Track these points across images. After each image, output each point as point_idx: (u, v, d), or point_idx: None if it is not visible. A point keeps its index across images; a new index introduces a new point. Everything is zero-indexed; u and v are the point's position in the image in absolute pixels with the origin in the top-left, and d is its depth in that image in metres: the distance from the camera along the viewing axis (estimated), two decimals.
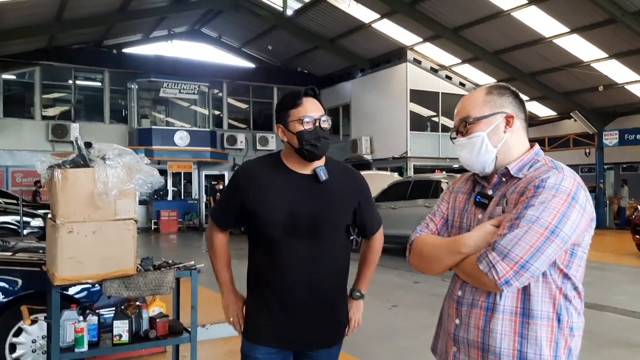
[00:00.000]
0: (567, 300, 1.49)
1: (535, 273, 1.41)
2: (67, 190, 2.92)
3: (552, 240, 1.39)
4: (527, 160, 1.55)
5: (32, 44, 17.35)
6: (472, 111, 1.60)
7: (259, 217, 2.02)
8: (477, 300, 1.54)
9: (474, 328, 1.53)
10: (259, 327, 2.08)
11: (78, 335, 3.01)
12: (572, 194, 1.42)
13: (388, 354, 4.76)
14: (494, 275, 1.40)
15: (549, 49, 15.55)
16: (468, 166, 1.64)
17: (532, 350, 1.45)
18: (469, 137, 1.59)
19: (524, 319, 1.47)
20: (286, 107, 2.04)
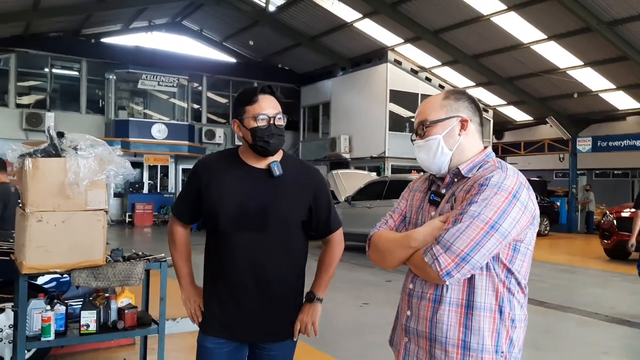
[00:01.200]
0: (510, 294, 1.57)
1: (475, 265, 1.49)
2: (37, 180, 2.91)
3: (491, 235, 1.47)
4: (477, 161, 1.65)
5: (8, 30, 16.98)
6: (430, 115, 1.69)
7: (211, 209, 2.07)
8: (425, 292, 1.62)
9: (422, 319, 1.62)
10: (210, 317, 2.13)
11: (45, 324, 3.00)
12: (513, 192, 1.51)
13: (355, 350, 4.83)
14: (436, 267, 1.49)
15: (527, 55, 15.83)
16: (425, 167, 1.72)
17: (475, 340, 1.53)
18: (426, 140, 1.68)
19: (468, 311, 1.55)
20: (242, 103, 2.08)
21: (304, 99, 23.10)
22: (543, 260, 11.03)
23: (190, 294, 2.21)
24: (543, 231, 16.58)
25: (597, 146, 17.98)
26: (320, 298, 2.21)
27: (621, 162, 20.54)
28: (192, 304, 2.19)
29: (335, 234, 2.27)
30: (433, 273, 1.51)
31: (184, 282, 2.24)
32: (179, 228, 2.23)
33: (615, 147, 17.63)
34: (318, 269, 2.28)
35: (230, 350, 2.11)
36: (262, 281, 2.06)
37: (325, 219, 2.20)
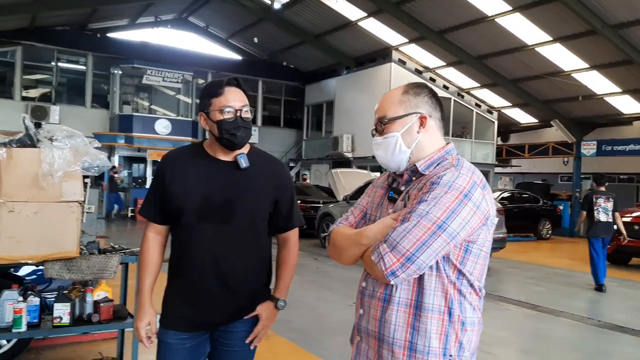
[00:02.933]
0: (461, 295, 1.52)
1: (421, 266, 1.44)
2: (10, 170, 2.91)
3: (438, 235, 1.42)
4: (436, 158, 1.59)
5: (14, 22, 17.07)
6: (388, 111, 1.63)
7: (174, 202, 2.02)
8: (376, 291, 1.58)
9: (372, 318, 1.58)
10: (171, 312, 2.08)
11: (17, 315, 2.99)
12: (464, 192, 1.46)
13: (341, 349, 4.79)
14: (382, 266, 1.45)
15: (532, 57, 15.71)
16: (384, 165, 1.67)
17: (422, 341, 1.49)
18: (384, 137, 1.62)
19: (416, 311, 1.50)
20: (208, 95, 2.04)
21: (308, 97, 23.10)
22: (542, 264, 10.96)
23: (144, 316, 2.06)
24: (545, 235, 16.47)
25: (602, 150, 17.82)
26: (283, 303, 2.15)
27: (626, 166, 20.37)
28: (142, 331, 2.05)
29: (293, 232, 2.23)
30: (379, 272, 1.47)
31: (141, 300, 2.09)
32: (150, 235, 2.12)
33: (620, 151, 17.45)
34: (280, 271, 2.21)
35: (192, 346, 2.07)
36: (225, 275, 2.02)
37: (287, 213, 2.16)
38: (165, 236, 2.16)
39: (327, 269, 9.26)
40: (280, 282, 2.19)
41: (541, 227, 16.43)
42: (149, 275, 2.12)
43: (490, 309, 6.49)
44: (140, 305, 2.10)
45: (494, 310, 6.54)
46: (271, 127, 23.12)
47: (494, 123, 20.44)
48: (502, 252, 10.23)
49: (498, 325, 5.81)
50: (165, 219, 2.11)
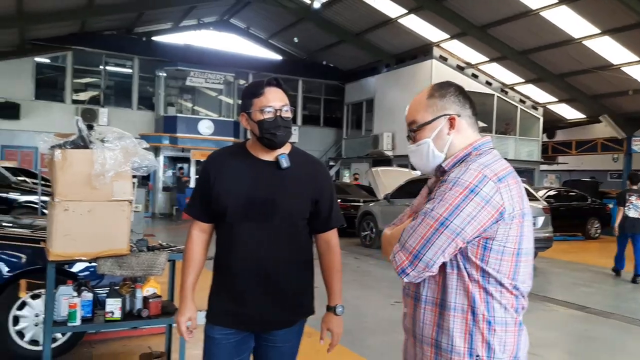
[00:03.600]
0: (487, 294, 1.48)
1: (429, 263, 1.45)
2: (65, 170, 3.02)
3: (440, 232, 1.43)
4: (461, 155, 1.57)
5: (65, 28, 17.75)
6: (417, 117, 1.61)
7: (219, 201, 2.07)
8: (410, 290, 1.62)
9: (409, 316, 1.62)
10: (216, 307, 2.14)
11: (71, 310, 3.12)
12: (470, 187, 1.43)
13: (381, 348, 4.79)
14: (394, 264, 1.49)
15: (579, 50, 15.24)
16: (420, 170, 1.69)
17: (446, 340, 1.50)
18: (417, 145, 1.62)
19: (441, 310, 1.52)
20: (249, 96, 2.08)
21: (347, 96, 23.09)
22: (590, 264, 10.62)
23: (185, 311, 2.15)
24: (594, 234, 15.94)
25: None
26: (342, 309, 2.21)
27: None
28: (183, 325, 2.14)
29: (333, 233, 2.24)
30: (395, 271, 1.51)
31: (184, 295, 2.17)
32: (195, 232, 2.19)
33: None
34: (328, 278, 2.23)
35: (237, 341, 2.12)
36: (267, 272, 2.07)
37: (326, 213, 2.18)
38: (210, 234, 2.21)
39: (368, 268, 9.25)
40: (333, 289, 2.23)
41: (589, 226, 15.90)
42: (192, 272, 2.18)
43: (536, 309, 6.35)
44: (182, 301, 2.17)
45: (540, 311, 6.39)
46: (311, 126, 23.23)
47: (539, 119, 19.92)
48: (548, 251, 9.98)
49: (544, 327, 5.68)
50: (209, 218, 2.16)
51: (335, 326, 2.21)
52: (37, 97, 18.96)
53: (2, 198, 10.05)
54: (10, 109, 18.05)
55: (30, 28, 16.53)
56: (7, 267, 3.90)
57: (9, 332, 3.87)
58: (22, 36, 17.09)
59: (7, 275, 3.88)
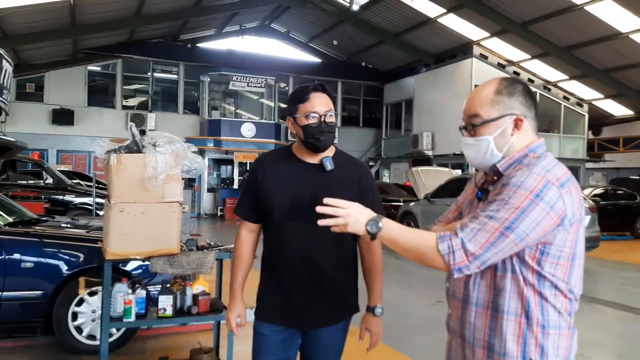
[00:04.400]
0: (542, 299, 1.48)
1: (486, 262, 1.43)
2: (120, 173, 3.17)
3: (506, 236, 1.40)
4: (517, 157, 1.54)
5: (115, 37, 18.43)
6: (480, 111, 1.55)
7: (266, 202, 2.16)
8: (456, 292, 1.62)
9: (456, 318, 1.62)
10: (264, 305, 2.23)
11: (127, 306, 3.27)
12: (535, 191, 1.40)
13: (425, 347, 4.82)
14: (450, 260, 1.43)
15: (625, 45, 14.76)
16: (474, 165, 1.65)
17: (498, 343, 1.50)
18: (476, 139, 1.57)
19: (493, 313, 1.51)
20: (295, 101, 2.16)
21: (386, 96, 23.03)
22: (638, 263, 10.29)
23: (235, 309, 2.26)
24: None
25: None
26: (381, 310, 2.25)
27: None
28: (233, 321, 2.25)
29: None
30: (442, 263, 1.45)
31: (233, 293, 2.27)
32: (243, 232, 2.27)
33: None
34: (369, 278, 2.28)
35: (285, 337, 2.19)
36: (314, 270, 2.14)
37: None
38: (258, 234, 2.30)
39: (409, 267, 9.25)
40: (373, 290, 2.26)
41: (638, 225, 15.35)
42: (241, 271, 2.27)
43: (584, 310, 6.20)
44: (232, 298, 2.26)
45: (587, 312, 6.26)
46: (350, 127, 23.28)
47: (584, 116, 19.35)
48: (595, 251, 9.72)
49: (592, 328, 5.57)
50: (257, 218, 2.24)
51: (374, 326, 2.25)
52: (90, 104, 19.77)
53: (59, 200, 10.58)
54: (65, 115, 18.92)
55: (82, 38, 17.28)
56: (66, 265, 4.12)
57: (69, 327, 4.08)
58: (75, 46, 17.87)
59: (66, 273, 4.09)
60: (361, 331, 2.27)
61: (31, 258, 4.07)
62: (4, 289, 3.98)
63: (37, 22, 14.33)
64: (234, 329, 2.25)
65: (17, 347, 4.33)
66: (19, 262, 4.03)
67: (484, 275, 1.53)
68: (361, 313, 2.32)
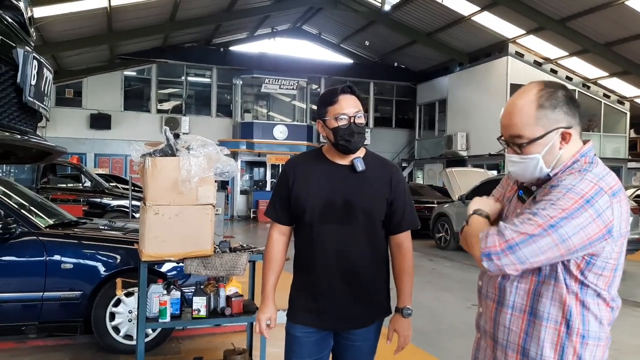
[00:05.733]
0: (584, 308, 1.45)
1: (521, 259, 1.37)
2: (155, 177, 3.22)
3: (548, 233, 1.35)
4: (569, 163, 1.50)
5: (150, 42, 18.85)
6: (524, 130, 1.47)
7: (298, 203, 2.17)
8: (489, 292, 1.60)
9: (488, 318, 1.60)
10: (297, 307, 2.23)
11: (162, 307, 3.32)
12: (586, 197, 1.37)
13: (459, 350, 4.75)
14: (483, 244, 1.41)
15: None
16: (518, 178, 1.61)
17: (535, 349, 1.47)
18: (522, 158, 1.50)
19: (530, 318, 1.48)
20: (324, 104, 2.17)
21: (419, 96, 22.83)
22: None
23: (266, 310, 2.25)
24: None
25: None
26: (409, 311, 2.23)
27: None
28: (263, 323, 2.25)
29: (406, 236, 2.26)
30: (478, 250, 1.43)
31: (265, 295, 2.27)
32: (275, 234, 2.27)
33: None
34: (399, 280, 2.26)
35: (317, 339, 2.20)
36: (347, 271, 2.13)
37: (400, 215, 2.21)
38: (289, 236, 2.30)
39: (444, 270, 9.13)
40: (403, 291, 2.25)
41: None
42: (273, 273, 2.27)
43: (625, 315, 6.02)
44: (264, 300, 2.27)
45: (628, 316, 6.06)
46: (383, 128, 23.17)
47: (625, 114, 18.75)
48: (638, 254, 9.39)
49: (633, 333, 5.38)
50: (288, 220, 2.25)
51: (402, 328, 2.23)
52: (126, 108, 20.26)
53: (96, 203, 10.86)
54: (103, 119, 19.45)
55: (119, 44, 17.73)
56: (104, 266, 4.22)
57: (107, 327, 4.18)
58: (112, 52, 18.35)
59: (104, 274, 4.19)
60: (389, 332, 2.26)
61: (71, 259, 4.17)
62: (46, 289, 4.09)
63: (76, 29, 14.76)
64: (264, 331, 2.26)
65: (57, 346, 4.44)
66: (59, 263, 4.14)
67: (523, 279, 1.50)
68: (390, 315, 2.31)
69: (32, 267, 4.11)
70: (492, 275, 1.58)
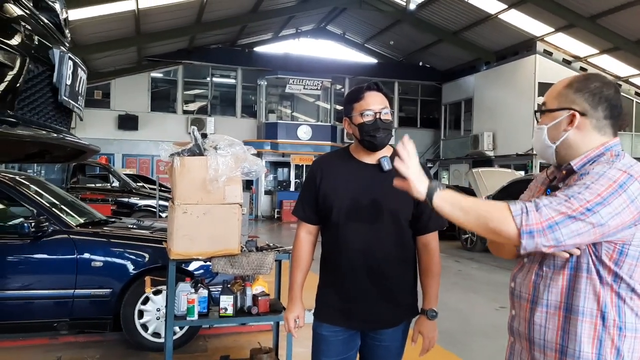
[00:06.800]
0: (619, 299, 1.44)
1: (559, 240, 1.35)
2: (183, 176, 3.25)
3: (585, 216, 1.34)
4: (593, 155, 1.50)
5: (176, 44, 19.09)
6: (547, 99, 1.58)
7: (325, 202, 2.16)
8: (523, 292, 1.57)
9: (522, 320, 1.56)
10: (324, 306, 2.22)
11: (190, 305, 3.34)
12: (619, 182, 1.37)
13: (487, 353, 4.69)
14: (522, 220, 1.35)
15: None
16: (537, 153, 1.65)
17: (573, 345, 1.45)
18: (538, 127, 1.59)
19: (566, 314, 1.46)
20: (350, 101, 2.17)
21: (445, 96, 22.62)
22: None
23: (294, 309, 2.27)
24: None
25: None
26: (434, 313, 2.21)
27: None
28: (291, 322, 2.26)
29: (433, 236, 2.23)
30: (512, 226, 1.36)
31: (292, 294, 2.28)
32: (302, 234, 2.28)
33: None
34: (425, 281, 2.23)
35: (345, 338, 2.18)
36: (373, 271, 2.12)
37: (427, 215, 2.18)
38: (316, 235, 2.30)
39: (470, 272, 9.03)
40: (428, 293, 2.22)
41: None
42: (301, 272, 2.28)
43: None
44: (291, 299, 2.27)
45: None
46: (408, 128, 22.96)
47: None
48: None
49: None
50: (316, 219, 2.25)
51: (427, 330, 2.21)
52: (153, 109, 20.56)
53: (124, 202, 11.04)
54: (130, 120, 19.78)
55: (146, 46, 17.99)
56: (133, 265, 4.28)
57: (135, 324, 4.24)
58: (139, 54, 18.63)
59: (132, 272, 4.25)
60: (414, 334, 2.24)
61: (101, 257, 4.25)
62: (76, 287, 4.16)
63: (105, 32, 15.03)
64: (292, 329, 2.26)
65: (89, 342, 4.53)
66: (90, 261, 4.21)
67: (556, 275, 1.49)
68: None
69: (64, 265, 4.20)
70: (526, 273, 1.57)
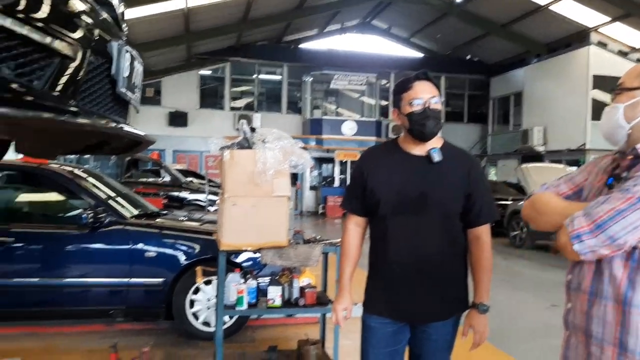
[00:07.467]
0: None
1: (613, 237, 1.34)
2: (232, 169, 3.33)
3: (637, 207, 1.32)
4: None
5: (224, 42, 19.41)
6: (626, 79, 1.53)
7: (372, 195, 2.16)
8: (581, 284, 1.54)
9: (579, 313, 1.53)
10: (373, 297, 2.23)
11: (239, 295, 3.43)
12: None
13: (537, 352, 4.58)
14: (570, 227, 1.40)
15: None
16: (603, 135, 1.60)
17: (632, 340, 1.40)
18: (611, 107, 1.54)
19: (625, 308, 1.42)
20: (399, 91, 2.16)
21: (493, 90, 22.10)
22: None
23: (343, 301, 2.28)
24: None
25: None
26: (485, 307, 2.17)
27: None
28: (340, 313, 2.27)
29: (484, 229, 2.19)
30: (566, 237, 1.42)
31: (341, 285, 2.30)
32: (350, 226, 2.29)
33: None
34: (477, 275, 2.20)
35: (393, 330, 2.18)
36: (422, 263, 2.10)
37: (478, 207, 2.15)
38: (364, 228, 2.30)
39: (519, 269, 8.83)
40: (480, 286, 2.19)
41: None
42: (349, 264, 2.29)
43: None
44: (340, 291, 2.29)
45: None
46: (455, 123, 22.60)
47: None
48: None
49: None
50: (364, 212, 2.25)
51: (478, 324, 2.17)
52: (201, 106, 20.99)
53: (175, 197, 11.36)
54: (180, 117, 20.28)
55: (195, 44, 18.39)
56: (185, 255, 4.41)
57: (186, 314, 4.37)
58: (189, 52, 19.06)
59: (184, 263, 4.38)
60: (465, 328, 2.21)
61: (154, 248, 4.39)
62: (131, 276, 4.32)
63: (156, 30, 15.44)
64: (340, 320, 2.27)
65: (143, 330, 4.71)
66: (144, 251, 4.36)
67: (616, 267, 1.45)
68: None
69: (119, 255, 4.36)
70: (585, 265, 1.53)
